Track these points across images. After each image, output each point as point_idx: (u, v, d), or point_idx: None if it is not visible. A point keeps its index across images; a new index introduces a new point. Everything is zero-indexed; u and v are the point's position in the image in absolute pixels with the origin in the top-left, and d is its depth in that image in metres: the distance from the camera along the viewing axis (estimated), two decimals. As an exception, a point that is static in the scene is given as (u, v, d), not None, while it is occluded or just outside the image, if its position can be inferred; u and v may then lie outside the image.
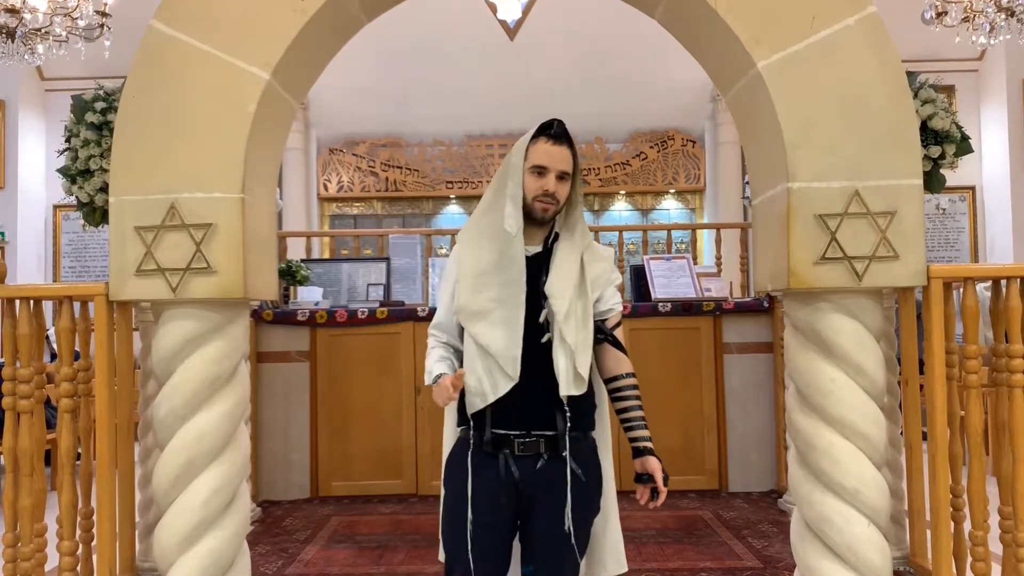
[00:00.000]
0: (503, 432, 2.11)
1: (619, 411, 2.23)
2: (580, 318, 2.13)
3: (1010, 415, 2.69)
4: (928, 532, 2.80)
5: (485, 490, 2.10)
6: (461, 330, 2.21)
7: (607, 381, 2.25)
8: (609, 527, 2.27)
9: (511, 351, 2.08)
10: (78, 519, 2.84)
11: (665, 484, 2.14)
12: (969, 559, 2.77)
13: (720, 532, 4.31)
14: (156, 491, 2.59)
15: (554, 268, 2.16)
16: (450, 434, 2.31)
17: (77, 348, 2.84)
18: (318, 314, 5.28)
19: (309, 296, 5.56)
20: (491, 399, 2.09)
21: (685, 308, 5.32)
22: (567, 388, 2.08)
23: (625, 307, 5.32)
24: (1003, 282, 2.74)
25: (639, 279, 5.70)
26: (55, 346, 5.47)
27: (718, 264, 6.89)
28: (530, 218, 2.17)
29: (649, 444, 2.18)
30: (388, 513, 4.83)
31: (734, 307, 5.32)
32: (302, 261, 5.96)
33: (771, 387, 5.28)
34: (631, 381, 2.22)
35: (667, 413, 5.29)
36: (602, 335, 2.22)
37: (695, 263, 6.27)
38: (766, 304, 5.27)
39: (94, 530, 2.82)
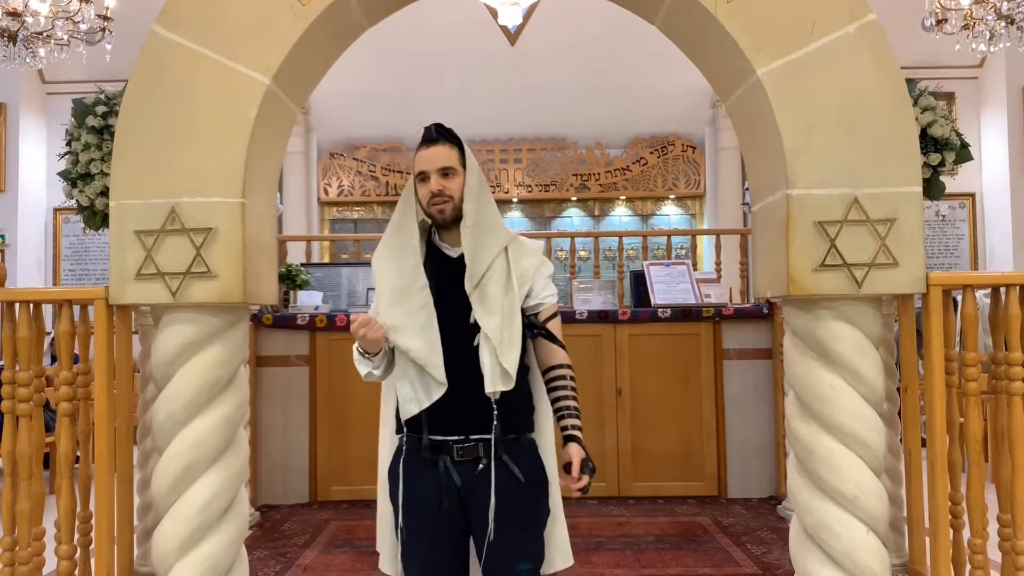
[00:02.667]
0: (441, 438, 2.11)
1: (552, 401, 2.19)
2: (506, 314, 2.12)
3: (1009, 423, 2.69)
4: (927, 539, 2.79)
5: (425, 498, 2.10)
6: None
7: (544, 373, 2.22)
8: (556, 523, 2.26)
9: (433, 358, 2.08)
10: (76, 523, 2.84)
11: (584, 471, 2.06)
12: (968, 567, 2.77)
13: (719, 538, 4.31)
14: (155, 495, 2.59)
15: (469, 266, 2.15)
16: (386, 444, 2.30)
17: (76, 351, 2.84)
18: (318, 318, 5.28)
19: (309, 300, 5.56)
20: (425, 404, 2.10)
21: (685, 314, 5.32)
22: (492, 384, 2.06)
23: (624, 313, 5.33)
24: (1002, 290, 2.74)
25: (639, 285, 5.70)
26: (55, 349, 5.47)
27: (718, 270, 6.89)
28: (438, 222, 2.20)
29: (575, 432, 2.13)
30: (387, 518, 4.82)
31: (734, 313, 5.32)
32: (302, 265, 5.97)
33: (770, 393, 5.28)
34: (565, 372, 2.18)
35: (666, 419, 5.29)
36: (536, 329, 2.20)
37: (695, 269, 6.27)
38: (765, 310, 5.28)
39: (92, 534, 2.82)
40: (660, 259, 8.45)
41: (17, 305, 2.78)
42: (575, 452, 2.09)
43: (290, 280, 5.57)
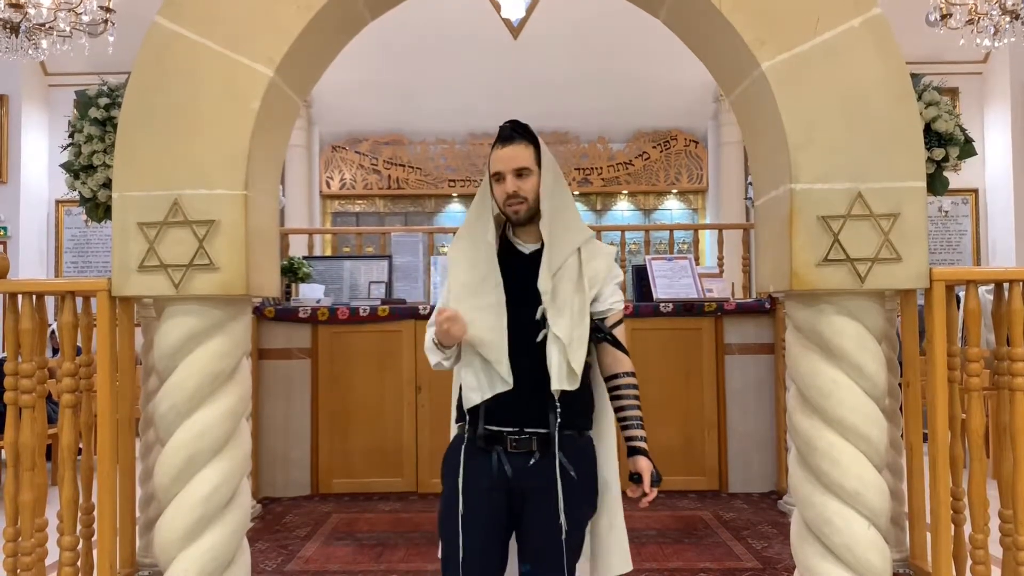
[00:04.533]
0: (496, 429, 2.12)
1: (616, 410, 2.23)
2: (576, 314, 2.13)
3: (1011, 418, 2.69)
4: (928, 534, 2.79)
5: (477, 486, 2.11)
6: None
7: (606, 380, 2.25)
8: (615, 527, 2.27)
9: (499, 355, 2.10)
10: (79, 514, 2.85)
11: (655, 485, 2.15)
12: (969, 562, 2.77)
13: (720, 533, 4.31)
14: (157, 487, 2.60)
15: (544, 264, 2.17)
16: (455, 430, 2.32)
17: (79, 343, 2.84)
18: (320, 311, 5.28)
19: (311, 293, 5.57)
20: (487, 395, 2.11)
21: (687, 308, 5.32)
22: (559, 383, 2.08)
23: (627, 307, 5.32)
24: (1005, 285, 2.74)
25: (641, 279, 5.69)
26: (57, 341, 5.48)
27: (720, 265, 6.88)
28: (513, 221, 2.21)
29: (642, 444, 2.18)
30: (388, 511, 4.84)
31: (736, 308, 5.32)
32: (304, 258, 5.96)
33: (772, 388, 5.28)
34: (629, 380, 2.21)
35: (668, 413, 5.29)
36: (600, 334, 2.21)
37: (697, 263, 6.27)
38: (768, 305, 5.27)
39: (95, 525, 2.82)
40: (662, 253, 8.44)
41: (20, 297, 2.78)
42: (644, 466, 2.15)
43: (292, 273, 5.58)
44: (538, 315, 2.12)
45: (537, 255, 2.19)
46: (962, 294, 2.84)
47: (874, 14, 2.55)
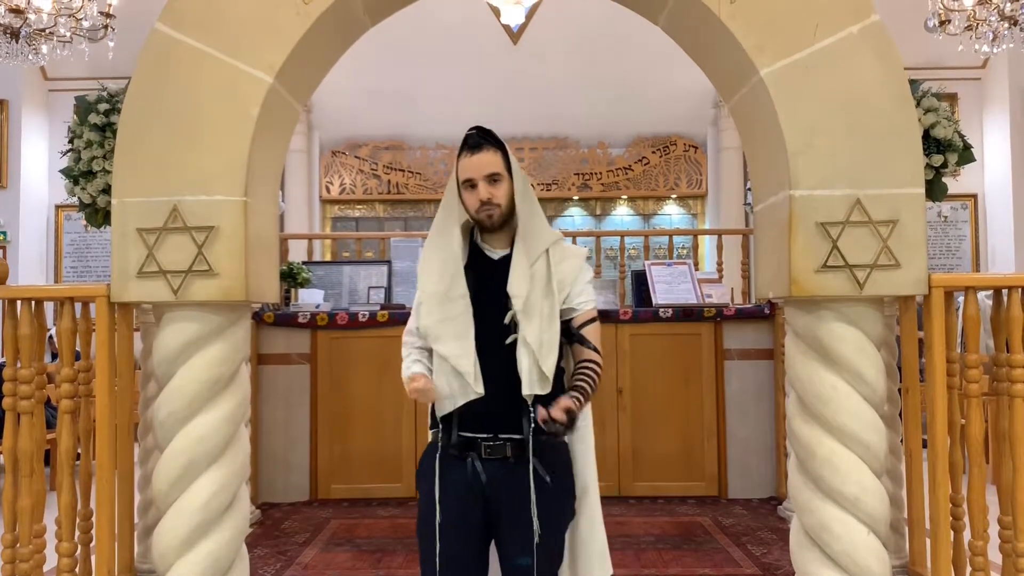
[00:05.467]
0: (470, 435, 2.12)
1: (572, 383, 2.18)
2: (546, 318, 2.13)
3: (1010, 424, 2.69)
4: (928, 541, 2.79)
5: (453, 493, 2.12)
6: None
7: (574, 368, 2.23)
8: (595, 530, 2.27)
9: (467, 367, 2.09)
10: (77, 520, 2.84)
11: (555, 422, 1.97)
12: (968, 568, 2.77)
13: (719, 539, 4.31)
14: (156, 493, 2.59)
15: (513, 268, 2.17)
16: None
17: (78, 349, 2.84)
18: (319, 316, 5.28)
19: (310, 298, 5.56)
20: (460, 403, 2.11)
21: (686, 314, 5.32)
22: (530, 388, 2.08)
23: (626, 312, 5.33)
24: (1004, 291, 2.74)
25: (640, 284, 5.70)
26: (56, 346, 5.48)
27: (719, 270, 6.89)
28: (485, 227, 2.21)
29: (579, 385, 2.12)
30: (387, 516, 4.83)
31: (735, 313, 5.32)
32: (303, 263, 5.97)
33: (771, 394, 5.28)
34: (592, 363, 2.17)
35: (667, 419, 5.29)
36: (572, 334, 2.21)
37: (696, 269, 6.27)
38: (767, 311, 5.27)
39: (93, 531, 2.82)
40: (662, 259, 8.46)
41: (19, 302, 2.78)
42: (565, 399, 2.02)
43: (291, 278, 5.58)
44: (507, 320, 2.12)
45: (506, 260, 2.19)
46: (961, 300, 2.84)
47: (872, 21, 2.56)
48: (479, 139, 2.18)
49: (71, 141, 3.53)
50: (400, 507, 5.01)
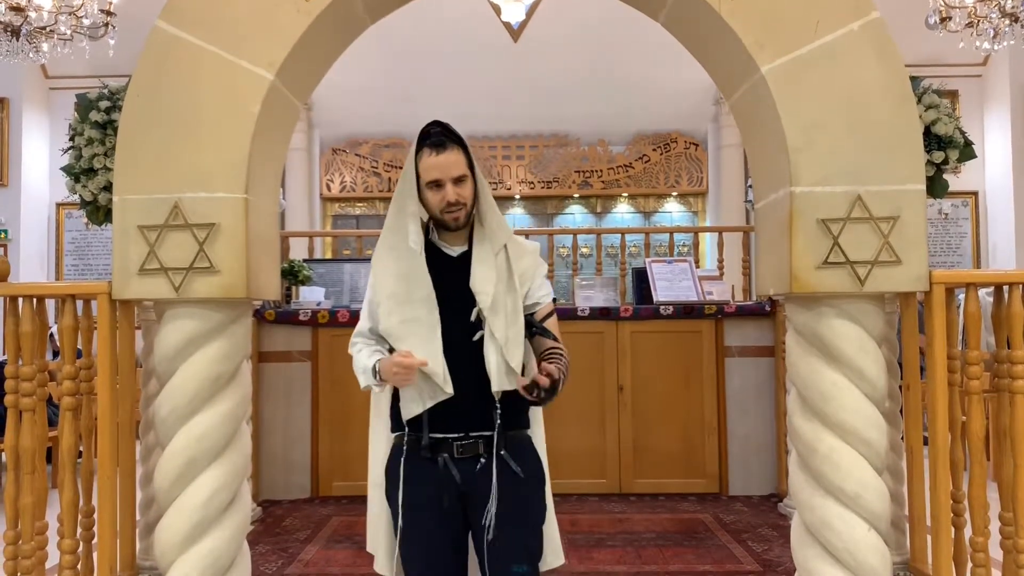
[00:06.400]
0: (441, 436, 2.11)
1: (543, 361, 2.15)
2: (510, 313, 2.13)
3: (1011, 421, 2.69)
4: (928, 537, 2.79)
5: (426, 496, 2.11)
6: (382, 337, 2.21)
7: (539, 357, 2.21)
8: (548, 522, 2.27)
9: (436, 367, 2.07)
10: (79, 517, 2.85)
11: (547, 393, 1.99)
12: (969, 565, 2.77)
13: (720, 536, 4.31)
14: (157, 490, 2.60)
15: (475, 265, 2.16)
16: (380, 441, 2.31)
17: (79, 346, 2.84)
18: (320, 314, 5.28)
19: (311, 296, 5.57)
20: (428, 404, 2.10)
21: (687, 311, 5.32)
22: (499, 383, 2.07)
23: (627, 310, 5.33)
24: (1005, 288, 2.74)
25: (641, 282, 5.70)
26: (57, 344, 5.48)
27: (720, 267, 6.88)
28: (449, 227, 2.18)
29: (556, 363, 2.10)
30: (388, 514, 4.83)
31: (736, 310, 5.32)
32: (304, 261, 5.96)
33: (772, 391, 5.28)
34: (558, 345, 2.17)
35: (668, 416, 5.29)
36: (533, 328, 2.21)
37: (697, 266, 6.27)
38: (768, 308, 5.27)
39: (95, 528, 2.82)
40: (662, 256, 8.46)
41: (20, 300, 2.78)
42: (548, 365, 2.03)
43: (292, 276, 5.58)
44: (473, 316, 2.11)
45: (465, 257, 2.19)
46: (962, 297, 2.84)
47: (873, 17, 2.56)
48: (442, 137, 2.14)
49: (72, 138, 3.53)
50: (401, 504, 5.01)
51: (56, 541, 2.78)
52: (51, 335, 6.16)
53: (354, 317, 5.26)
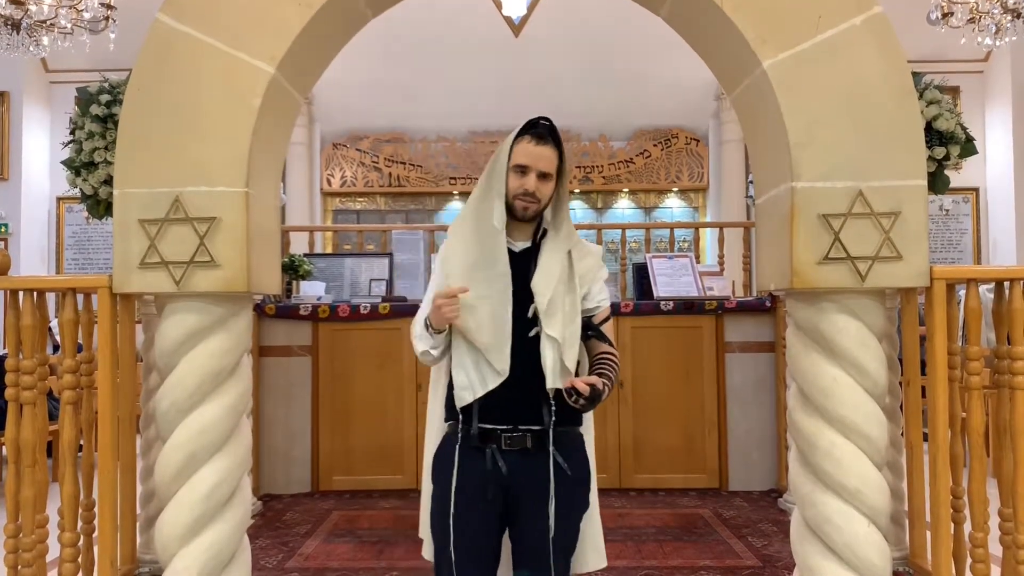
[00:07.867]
0: (490, 427, 2.12)
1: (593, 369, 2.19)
2: (568, 313, 2.15)
3: (1011, 417, 2.69)
4: (928, 533, 2.80)
5: (472, 485, 2.12)
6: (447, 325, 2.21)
7: (591, 360, 2.23)
8: (591, 522, 2.28)
9: (500, 346, 2.10)
10: (80, 511, 2.85)
11: (592, 400, 2.00)
12: (969, 560, 2.77)
13: (720, 531, 4.32)
14: (158, 484, 2.60)
15: (541, 264, 2.18)
16: (434, 430, 2.32)
17: (80, 340, 2.84)
18: (320, 309, 5.28)
19: (312, 291, 5.57)
20: (480, 393, 2.11)
21: (687, 307, 5.32)
22: (554, 381, 2.09)
23: (627, 305, 5.33)
24: (1006, 284, 2.74)
25: (641, 277, 5.69)
26: (57, 338, 5.48)
27: (721, 263, 6.88)
28: (515, 215, 2.20)
29: (604, 371, 2.14)
30: (389, 508, 4.84)
31: (736, 306, 5.32)
32: (305, 256, 5.97)
33: (772, 386, 5.28)
34: (611, 354, 2.19)
35: (668, 411, 5.29)
36: (589, 331, 2.23)
37: (698, 262, 6.26)
38: (768, 303, 5.27)
39: (95, 522, 2.82)
40: (663, 251, 8.44)
41: (21, 294, 2.78)
42: (592, 376, 2.06)
43: (293, 270, 5.58)
44: (530, 313, 2.13)
45: (527, 253, 2.21)
46: (963, 293, 2.84)
47: (875, 12, 2.55)
48: (547, 132, 2.18)
49: (73, 132, 3.53)
50: (401, 499, 5.02)
51: (57, 534, 2.78)
52: (51, 329, 6.16)
53: (354, 312, 5.28)
